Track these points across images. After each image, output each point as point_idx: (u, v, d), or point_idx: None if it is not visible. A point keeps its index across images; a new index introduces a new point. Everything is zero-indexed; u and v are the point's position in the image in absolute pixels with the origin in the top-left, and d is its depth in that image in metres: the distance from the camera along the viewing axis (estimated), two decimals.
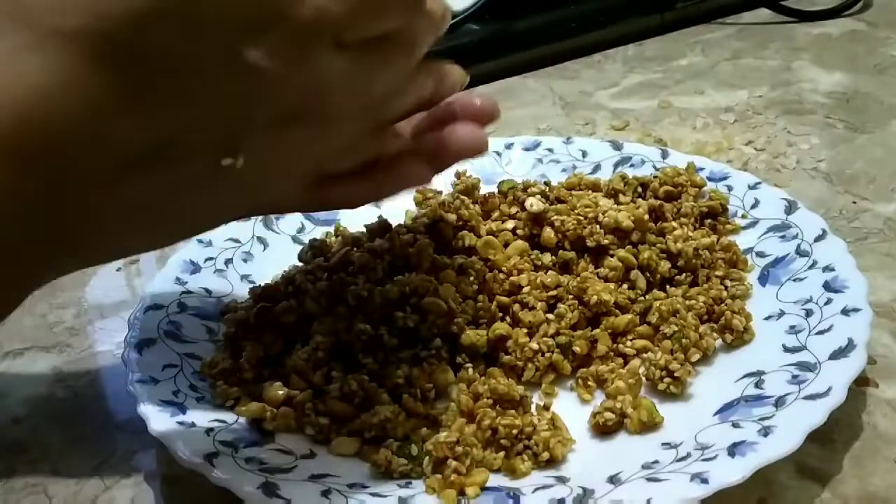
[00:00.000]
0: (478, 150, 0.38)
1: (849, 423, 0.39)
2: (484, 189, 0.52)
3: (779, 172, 0.58)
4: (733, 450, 0.35)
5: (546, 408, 0.39)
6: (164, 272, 0.47)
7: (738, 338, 0.42)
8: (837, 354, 0.38)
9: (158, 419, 0.37)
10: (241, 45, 0.27)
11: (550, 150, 0.56)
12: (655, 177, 0.51)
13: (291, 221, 0.52)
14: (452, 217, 0.47)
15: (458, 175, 0.54)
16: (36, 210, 0.26)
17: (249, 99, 0.28)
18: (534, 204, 0.46)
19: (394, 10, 0.31)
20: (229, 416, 0.39)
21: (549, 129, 0.66)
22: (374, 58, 0.31)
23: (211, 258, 0.49)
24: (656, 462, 0.35)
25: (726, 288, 0.44)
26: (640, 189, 0.50)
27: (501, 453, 0.37)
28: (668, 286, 0.45)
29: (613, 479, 0.35)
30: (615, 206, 0.47)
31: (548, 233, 0.46)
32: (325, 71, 0.29)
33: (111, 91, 0.25)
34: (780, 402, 0.37)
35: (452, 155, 0.37)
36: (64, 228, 0.27)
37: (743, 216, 0.49)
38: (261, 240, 0.51)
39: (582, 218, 0.45)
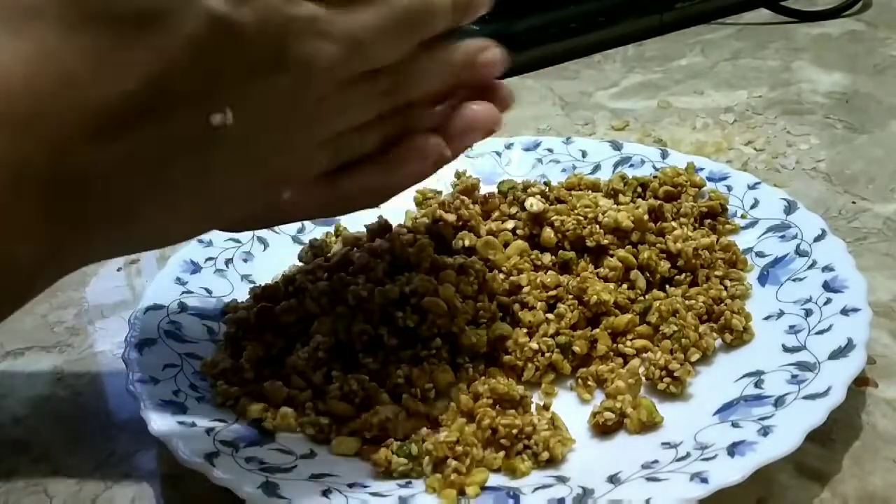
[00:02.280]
0: (490, 127, 0.38)
1: (848, 422, 0.39)
2: (484, 189, 0.52)
3: (778, 172, 0.58)
4: (733, 449, 0.35)
5: (546, 408, 0.39)
6: (164, 272, 0.47)
7: (738, 338, 0.42)
8: (837, 354, 0.38)
9: (159, 419, 0.37)
10: None
11: (550, 151, 0.56)
12: (655, 177, 0.51)
13: None
14: (452, 217, 0.47)
15: (458, 175, 0.54)
16: (33, 180, 0.26)
17: (221, 49, 0.28)
18: (534, 204, 0.46)
19: None
20: (229, 416, 0.39)
21: (549, 130, 0.66)
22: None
23: (211, 258, 0.49)
24: (656, 462, 0.35)
25: (726, 288, 0.44)
26: (639, 189, 0.51)
27: (501, 453, 0.37)
28: (667, 286, 0.45)
29: (613, 479, 0.35)
30: (615, 206, 0.47)
31: (548, 233, 0.46)
32: (294, 14, 0.30)
33: (86, 52, 0.27)
34: (779, 402, 0.37)
35: (461, 127, 0.37)
36: (66, 199, 0.27)
37: (742, 216, 0.50)
38: (261, 240, 0.51)
39: (582, 218, 0.46)
